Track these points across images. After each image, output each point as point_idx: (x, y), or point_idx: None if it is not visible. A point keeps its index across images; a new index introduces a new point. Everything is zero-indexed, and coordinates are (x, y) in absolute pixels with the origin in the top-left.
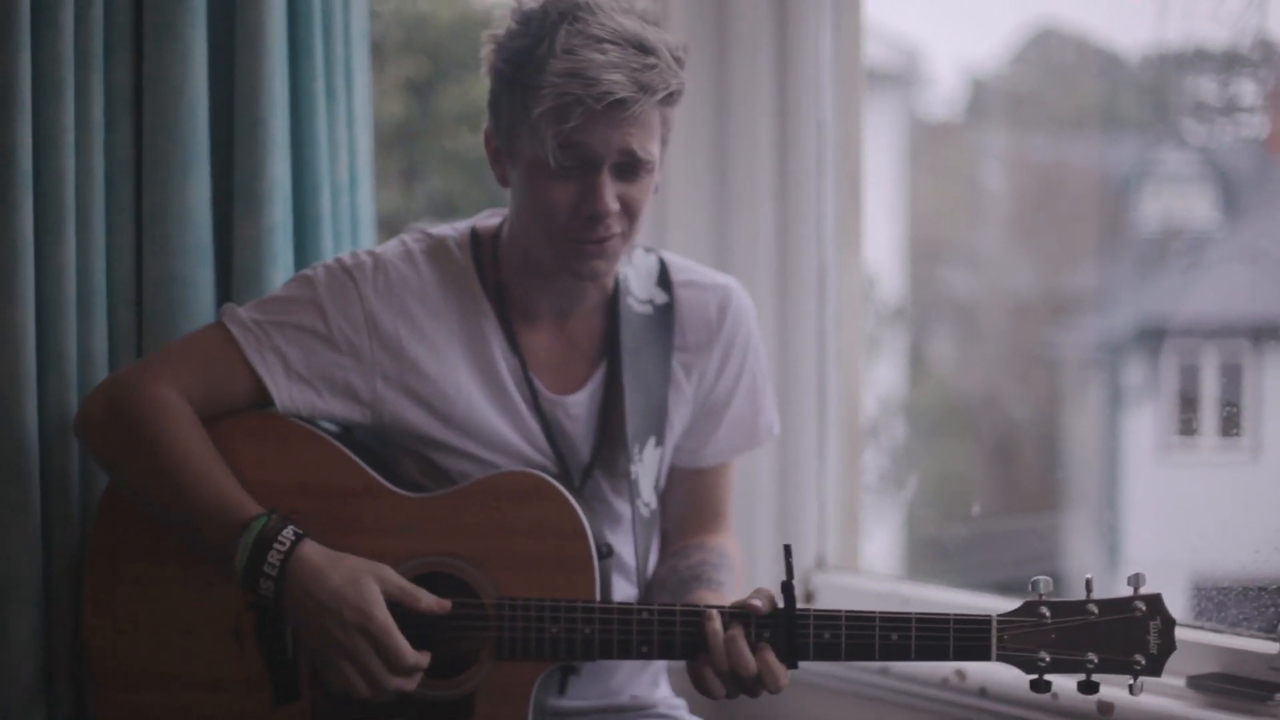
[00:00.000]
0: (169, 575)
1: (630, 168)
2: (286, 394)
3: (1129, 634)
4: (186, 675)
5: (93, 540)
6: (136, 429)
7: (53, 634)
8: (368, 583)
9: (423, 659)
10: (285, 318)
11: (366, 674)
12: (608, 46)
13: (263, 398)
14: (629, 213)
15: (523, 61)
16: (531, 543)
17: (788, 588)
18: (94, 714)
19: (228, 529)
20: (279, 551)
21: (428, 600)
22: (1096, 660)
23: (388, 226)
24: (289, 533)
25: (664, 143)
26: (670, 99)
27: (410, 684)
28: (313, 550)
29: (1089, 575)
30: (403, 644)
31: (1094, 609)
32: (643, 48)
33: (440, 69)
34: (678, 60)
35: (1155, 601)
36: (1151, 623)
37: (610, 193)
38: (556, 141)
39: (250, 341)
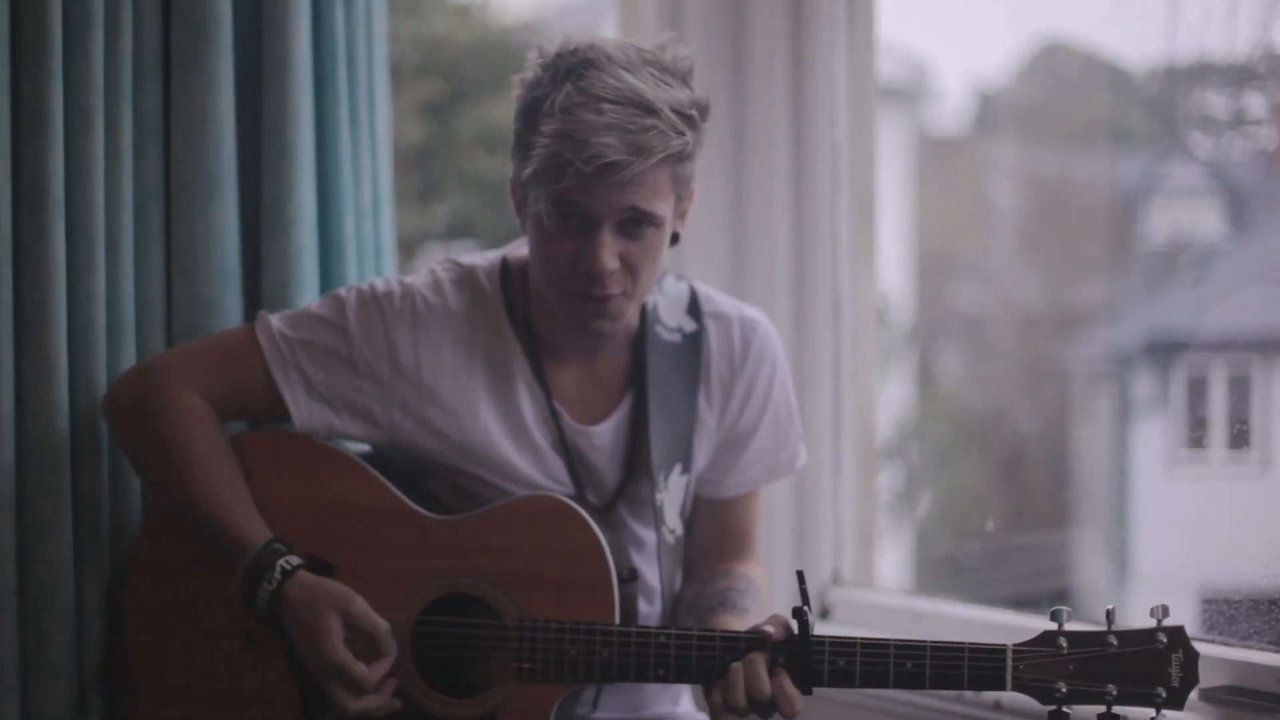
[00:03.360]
0: (210, 590)
1: (634, 225)
2: (306, 413)
3: (1150, 666)
4: (223, 689)
5: (137, 556)
6: (158, 431)
7: (85, 651)
8: (326, 617)
9: (379, 669)
10: (313, 337)
11: (338, 697)
12: (606, 106)
13: (282, 410)
14: (631, 271)
15: (530, 116)
16: (553, 565)
17: (800, 613)
18: None
19: (229, 552)
20: (267, 589)
21: (385, 630)
22: (1116, 692)
23: (405, 247)
24: (277, 571)
25: (680, 198)
26: (676, 159)
27: (377, 700)
28: (292, 585)
29: (1110, 606)
30: (357, 670)
31: (1114, 640)
32: (644, 108)
33: (458, 91)
34: (686, 119)
35: (1178, 634)
36: (1174, 655)
37: (609, 251)
38: (550, 200)
39: (276, 358)
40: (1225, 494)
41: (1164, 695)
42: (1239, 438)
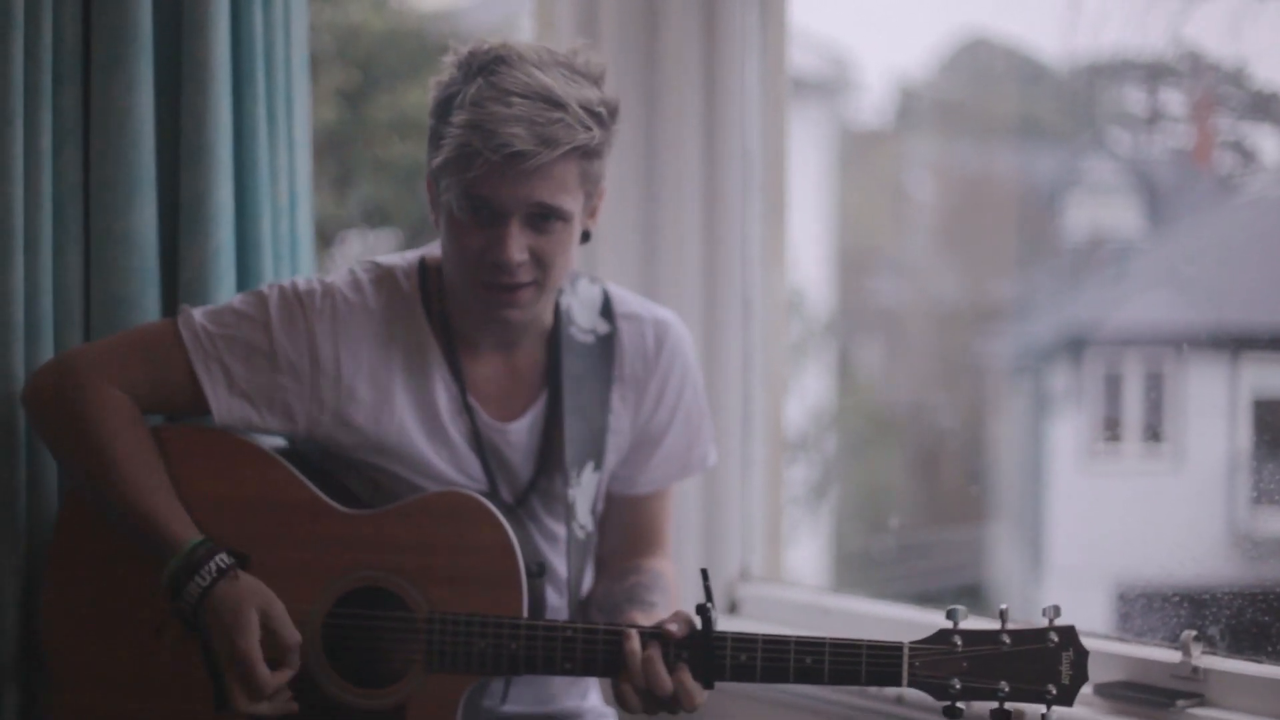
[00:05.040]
0: (126, 581)
1: (542, 219)
2: (226, 406)
3: (1042, 664)
4: (140, 678)
5: (53, 545)
6: (83, 422)
7: (1, 643)
8: (248, 613)
9: (280, 678)
10: (235, 332)
11: (234, 694)
12: (515, 100)
13: (202, 404)
14: (540, 263)
15: (442, 109)
16: (463, 560)
17: (704, 610)
18: (44, 716)
19: (155, 546)
20: (198, 585)
21: (295, 642)
22: (1008, 689)
23: (323, 235)
24: (213, 569)
25: (589, 196)
26: (583, 153)
27: (270, 708)
28: (224, 581)
29: (1004, 605)
30: (261, 672)
31: (1007, 639)
32: (552, 102)
33: (372, 78)
34: (594, 115)
35: (1069, 633)
36: (1064, 654)
37: (517, 244)
38: (460, 190)
39: (199, 352)
40: (1139, 489)
41: (1054, 692)
42: (1152, 433)
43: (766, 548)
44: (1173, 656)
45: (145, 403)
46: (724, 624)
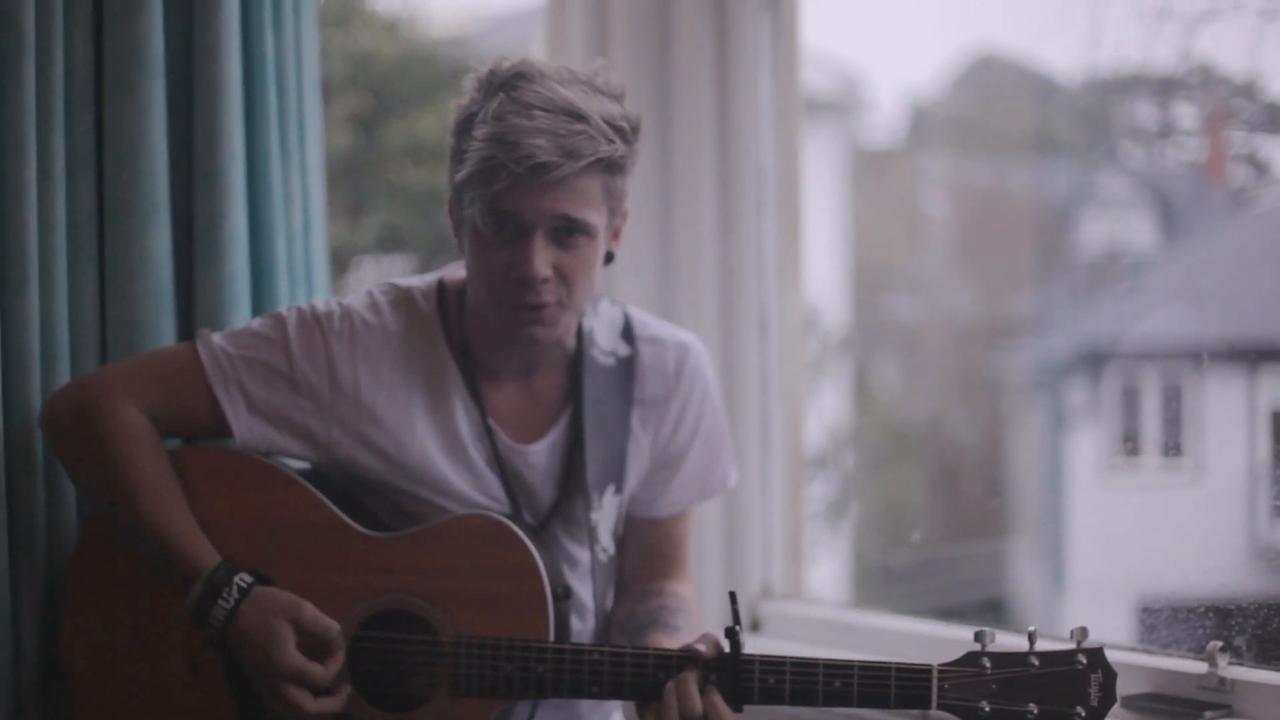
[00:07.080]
0: (146, 605)
1: (566, 234)
2: (246, 428)
3: (1070, 686)
4: (160, 703)
5: (71, 570)
6: (102, 446)
7: (22, 666)
8: (278, 626)
9: (333, 667)
10: (255, 354)
11: (291, 705)
12: (537, 113)
13: (222, 426)
14: (565, 280)
15: (464, 127)
16: (489, 583)
17: (732, 633)
18: None
19: (175, 570)
20: (222, 608)
21: (336, 630)
22: (1037, 711)
23: (337, 261)
24: (234, 589)
25: (613, 213)
26: (606, 166)
27: (335, 702)
28: (247, 601)
29: (1032, 628)
30: (315, 671)
31: (1036, 661)
32: (574, 115)
33: (385, 104)
34: (617, 129)
35: (1097, 655)
36: (1093, 675)
37: (542, 259)
38: (484, 205)
39: (218, 374)
40: (1158, 502)
41: (1083, 714)
42: (1172, 447)
43: (788, 565)
44: (1199, 668)
45: (164, 425)
46: (747, 642)
